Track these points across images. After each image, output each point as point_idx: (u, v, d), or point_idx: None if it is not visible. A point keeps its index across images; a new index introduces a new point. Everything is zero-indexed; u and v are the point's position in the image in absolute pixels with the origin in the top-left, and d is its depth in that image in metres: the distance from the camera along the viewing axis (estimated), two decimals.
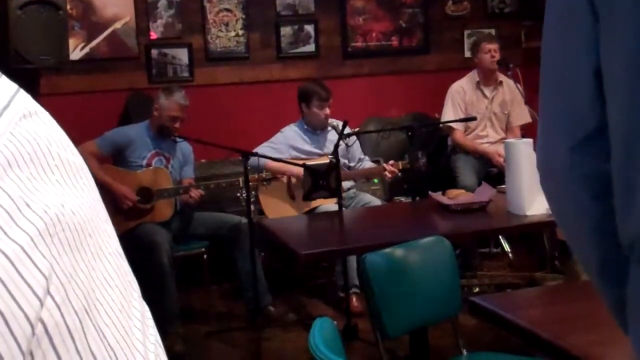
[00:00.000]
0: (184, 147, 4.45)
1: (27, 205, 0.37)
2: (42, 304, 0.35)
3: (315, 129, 4.65)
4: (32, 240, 0.36)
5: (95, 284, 0.41)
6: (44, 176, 0.40)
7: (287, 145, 4.63)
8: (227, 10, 5.56)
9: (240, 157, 3.85)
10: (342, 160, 4.54)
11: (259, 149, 4.42)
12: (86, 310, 0.39)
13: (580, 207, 1.10)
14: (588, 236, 1.10)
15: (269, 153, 4.41)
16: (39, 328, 0.35)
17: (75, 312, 0.38)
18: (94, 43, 5.23)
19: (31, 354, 0.34)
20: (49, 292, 0.36)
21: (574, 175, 1.08)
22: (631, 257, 1.03)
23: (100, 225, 0.45)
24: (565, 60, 1.09)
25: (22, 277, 0.34)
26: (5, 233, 0.35)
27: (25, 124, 0.41)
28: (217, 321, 4.32)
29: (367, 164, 4.78)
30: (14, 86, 0.42)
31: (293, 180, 4.56)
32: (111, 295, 0.43)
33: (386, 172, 4.40)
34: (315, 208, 4.41)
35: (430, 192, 3.62)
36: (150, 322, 0.50)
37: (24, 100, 0.42)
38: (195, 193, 4.23)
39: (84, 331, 0.38)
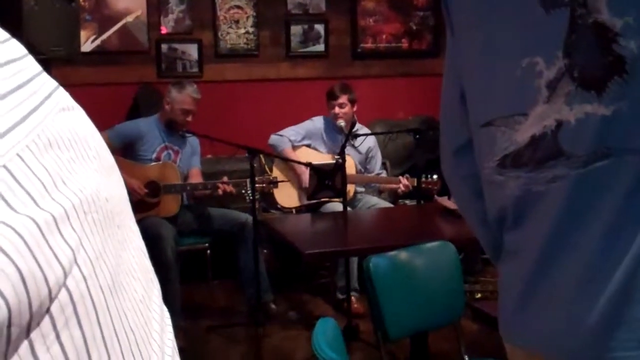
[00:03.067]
0: (192, 140, 4.47)
1: (64, 182, 0.38)
2: (66, 274, 0.35)
3: (341, 130, 4.66)
4: (66, 212, 0.37)
5: (120, 269, 0.42)
6: (83, 162, 0.41)
7: (313, 134, 4.73)
8: (238, 7, 5.57)
9: (246, 154, 3.86)
10: (359, 167, 4.66)
11: (285, 131, 4.66)
12: (111, 290, 0.40)
13: (465, 201, 1.32)
14: (476, 225, 1.28)
15: (293, 137, 4.67)
16: (64, 294, 0.35)
17: (101, 288, 0.39)
18: (105, 36, 5.25)
19: (51, 316, 0.34)
20: (76, 263, 0.36)
21: (458, 175, 1.31)
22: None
23: (127, 221, 0.46)
24: (444, 85, 1.31)
25: (48, 244, 0.35)
26: (36, 203, 0.35)
27: (65, 116, 0.42)
28: (218, 316, 4.33)
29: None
30: (54, 82, 0.43)
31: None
32: (133, 285, 0.44)
33: (401, 185, 4.42)
34: (325, 201, 4.46)
35: (436, 196, 3.62)
36: (169, 322, 0.51)
37: (63, 95, 0.44)
38: (228, 188, 4.21)
39: (107, 307, 0.39)
